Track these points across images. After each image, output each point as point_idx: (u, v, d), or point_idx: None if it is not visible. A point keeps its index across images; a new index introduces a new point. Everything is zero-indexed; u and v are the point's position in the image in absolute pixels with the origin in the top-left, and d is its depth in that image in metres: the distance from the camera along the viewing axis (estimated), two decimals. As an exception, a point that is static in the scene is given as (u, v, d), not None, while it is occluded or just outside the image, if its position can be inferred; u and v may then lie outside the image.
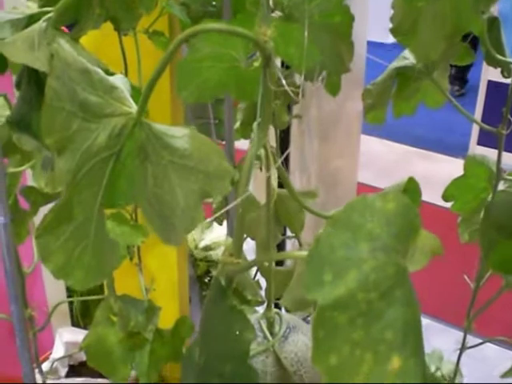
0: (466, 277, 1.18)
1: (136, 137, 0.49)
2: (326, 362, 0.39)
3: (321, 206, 0.86)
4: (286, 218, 1.08)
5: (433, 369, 1.38)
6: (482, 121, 0.93)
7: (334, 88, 0.86)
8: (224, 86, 0.67)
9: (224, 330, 0.51)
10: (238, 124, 1.16)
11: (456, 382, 1.30)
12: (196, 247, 1.93)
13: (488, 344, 2.10)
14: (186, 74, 0.65)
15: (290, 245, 1.33)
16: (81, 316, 1.71)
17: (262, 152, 0.89)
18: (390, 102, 1.02)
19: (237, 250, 0.50)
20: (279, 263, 0.59)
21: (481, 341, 1.33)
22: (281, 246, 1.36)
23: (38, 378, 1.22)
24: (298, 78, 1.39)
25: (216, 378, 0.50)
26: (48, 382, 1.39)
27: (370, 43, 1.72)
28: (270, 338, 0.57)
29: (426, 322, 2.27)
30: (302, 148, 1.29)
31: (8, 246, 0.88)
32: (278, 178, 1.13)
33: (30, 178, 1.01)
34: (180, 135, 0.51)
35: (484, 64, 0.89)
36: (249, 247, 0.78)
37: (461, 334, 2.09)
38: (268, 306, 0.59)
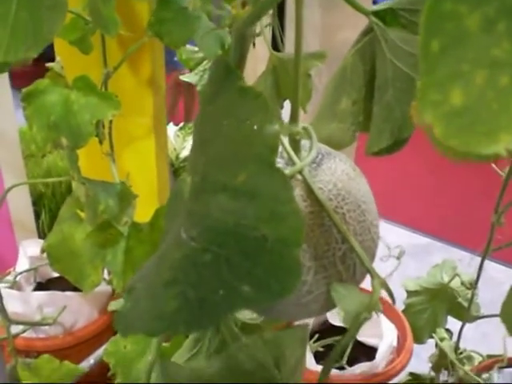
0: (493, 166, 1.01)
1: None
2: (442, 98, 0.21)
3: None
4: (288, 88, 0.90)
5: (446, 279, 1.22)
6: None
7: None
8: None
9: (233, 126, 0.32)
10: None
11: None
12: (177, 158, 1.74)
13: (491, 264, 1.98)
14: None
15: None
16: (48, 230, 1.53)
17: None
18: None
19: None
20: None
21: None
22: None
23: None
24: None
25: (220, 195, 0.31)
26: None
27: None
28: (298, 161, 0.38)
29: (426, 240, 2.12)
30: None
31: None
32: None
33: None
34: None
35: None
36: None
37: (462, 253, 1.95)
38: (292, 119, 0.40)
